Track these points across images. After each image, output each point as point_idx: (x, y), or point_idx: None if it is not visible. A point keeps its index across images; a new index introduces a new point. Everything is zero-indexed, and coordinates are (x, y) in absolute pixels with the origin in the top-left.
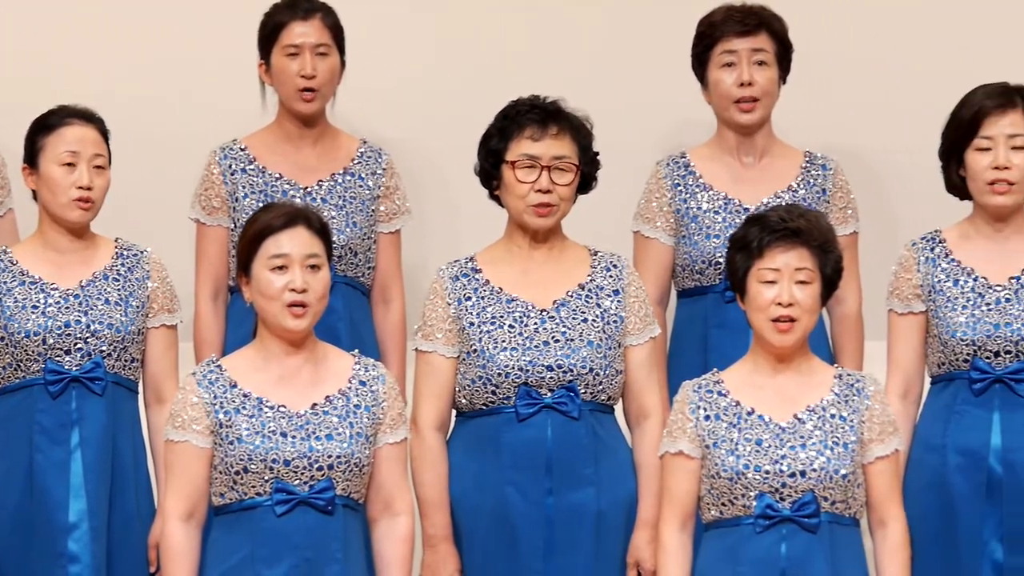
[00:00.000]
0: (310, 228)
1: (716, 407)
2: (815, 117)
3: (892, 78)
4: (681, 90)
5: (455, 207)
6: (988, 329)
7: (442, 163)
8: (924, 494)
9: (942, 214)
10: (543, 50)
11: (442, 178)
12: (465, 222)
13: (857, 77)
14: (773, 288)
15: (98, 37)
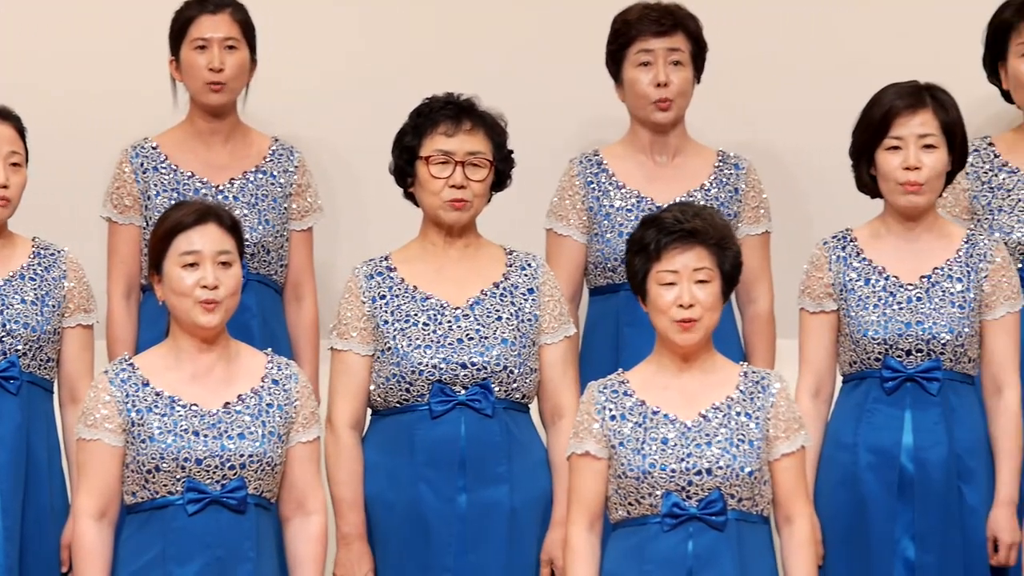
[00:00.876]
0: (221, 225)
1: (622, 407)
2: (728, 116)
3: (804, 77)
4: (595, 88)
5: (366, 205)
6: (899, 328)
7: (353, 161)
8: (836, 492)
9: (854, 213)
10: (456, 49)
11: (353, 176)
12: (376, 220)
13: (769, 77)
14: (673, 290)
15: (11, 31)
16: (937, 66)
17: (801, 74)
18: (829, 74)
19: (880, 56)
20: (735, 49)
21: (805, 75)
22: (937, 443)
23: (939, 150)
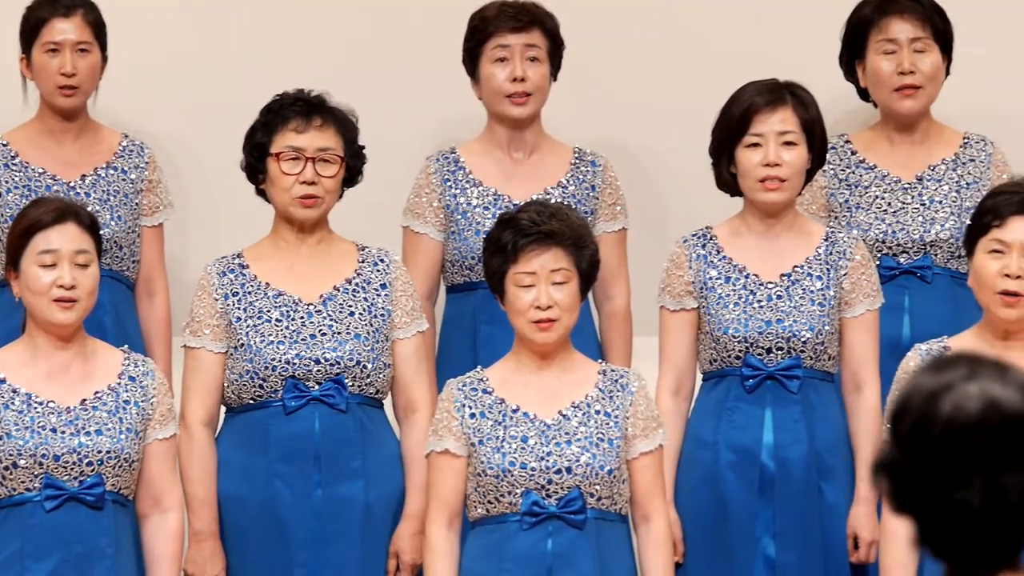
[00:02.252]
0: (80, 224)
1: (481, 405)
2: (585, 114)
3: (662, 74)
4: (453, 85)
5: (218, 201)
6: (760, 326)
7: (205, 157)
8: (696, 490)
9: (711, 210)
10: (309, 46)
11: (205, 172)
12: (228, 216)
13: (626, 73)
14: (531, 291)
15: None
16: (795, 64)
17: (659, 71)
18: (687, 71)
19: (739, 54)
20: (592, 46)
21: (663, 72)
22: (797, 441)
23: (799, 147)
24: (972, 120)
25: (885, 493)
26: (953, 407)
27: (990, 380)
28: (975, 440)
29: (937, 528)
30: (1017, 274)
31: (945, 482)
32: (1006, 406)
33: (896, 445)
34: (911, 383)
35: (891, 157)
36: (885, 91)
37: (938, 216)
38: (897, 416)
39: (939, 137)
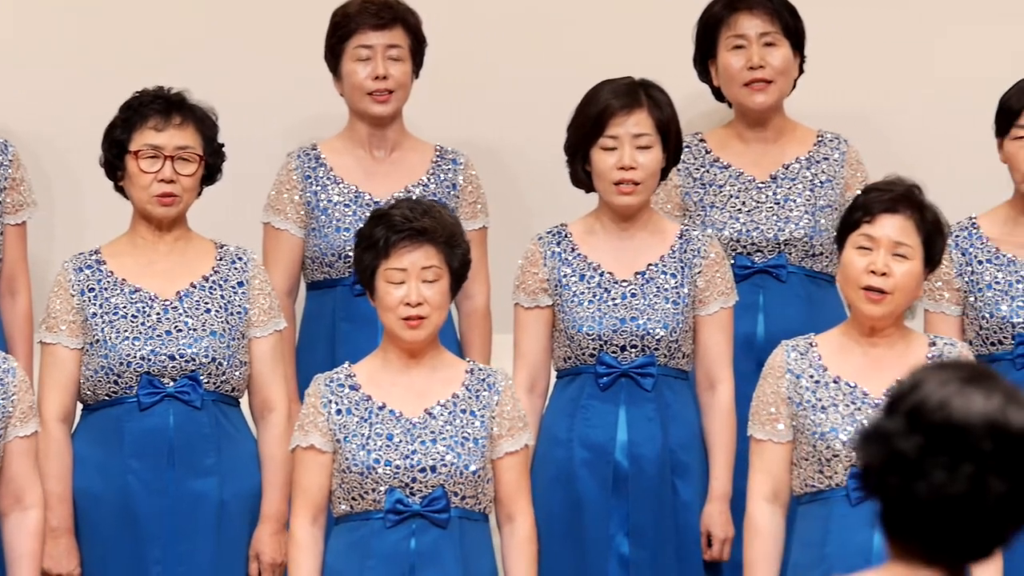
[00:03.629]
0: None
1: (348, 401)
2: (446, 111)
3: (521, 72)
4: (314, 81)
5: (82, 199)
6: (614, 324)
7: (68, 155)
8: (551, 488)
9: (571, 208)
10: (169, 44)
11: (68, 170)
12: (92, 214)
13: (486, 71)
14: (401, 288)
15: None
16: (652, 63)
17: (519, 69)
18: (546, 69)
19: (597, 53)
20: (454, 44)
21: (523, 70)
22: (651, 439)
23: (654, 149)
24: (829, 119)
25: (864, 462)
26: (965, 402)
27: (1006, 396)
28: (976, 436)
29: (906, 506)
30: (882, 271)
31: (933, 460)
32: (1014, 421)
33: (893, 417)
34: (924, 372)
35: (745, 156)
36: (736, 87)
37: (792, 215)
38: (902, 394)
39: (793, 135)
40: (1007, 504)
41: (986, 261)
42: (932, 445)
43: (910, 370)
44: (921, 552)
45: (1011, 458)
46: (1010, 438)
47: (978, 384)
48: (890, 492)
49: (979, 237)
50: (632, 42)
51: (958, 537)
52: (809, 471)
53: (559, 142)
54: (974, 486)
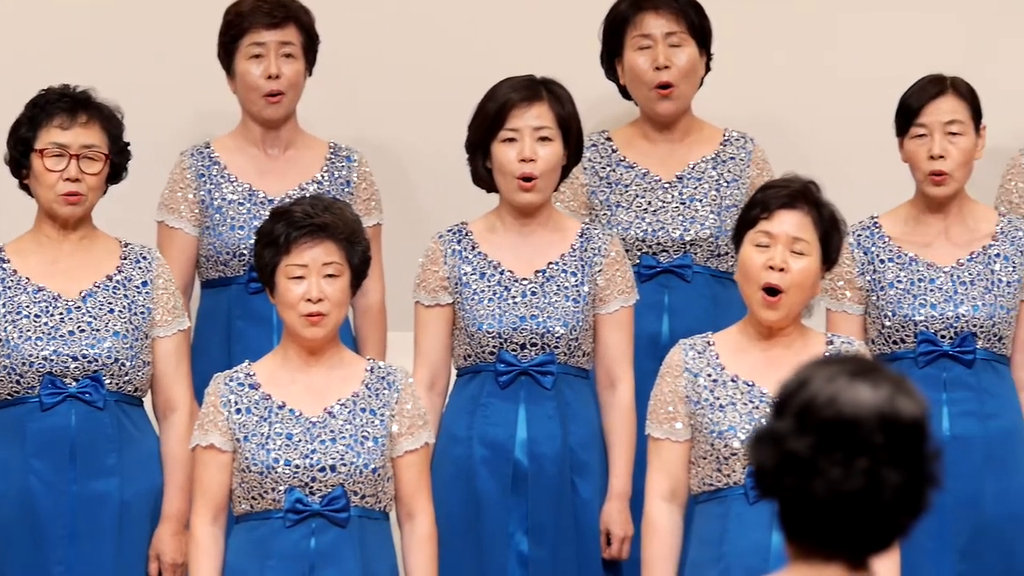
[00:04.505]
0: None
1: (247, 400)
2: (340, 108)
3: (417, 70)
4: (208, 79)
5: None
6: (514, 322)
7: None
8: (450, 486)
9: (466, 205)
10: (69, 43)
11: None
12: None
13: (382, 68)
14: (302, 284)
15: None
16: (556, 62)
17: (415, 66)
18: (443, 67)
19: (499, 51)
20: (348, 41)
21: (419, 67)
22: (551, 437)
23: (554, 143)
24: (735, 120)
25: (757, 463)
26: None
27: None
28: (868, 430)
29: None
30: (780, 266)
31: (828, 458)
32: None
33: (783, 417)
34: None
35: (651, 155)
36: (643, 89)
37: (698, 215)
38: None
39: (699, 134)
40: (903, 495)
41: (888, 260)
42: (825, 443)
43: (795, 368)
44: (822, 549)
45: (904, 448)
46: (901, 428)
47: (865, 377)
48: (787, 493)
49: (881, 236)
50: (531, 42)
51: (858, 531)
52: (707, 470)
53: (453, 139)
54: (870, 480)
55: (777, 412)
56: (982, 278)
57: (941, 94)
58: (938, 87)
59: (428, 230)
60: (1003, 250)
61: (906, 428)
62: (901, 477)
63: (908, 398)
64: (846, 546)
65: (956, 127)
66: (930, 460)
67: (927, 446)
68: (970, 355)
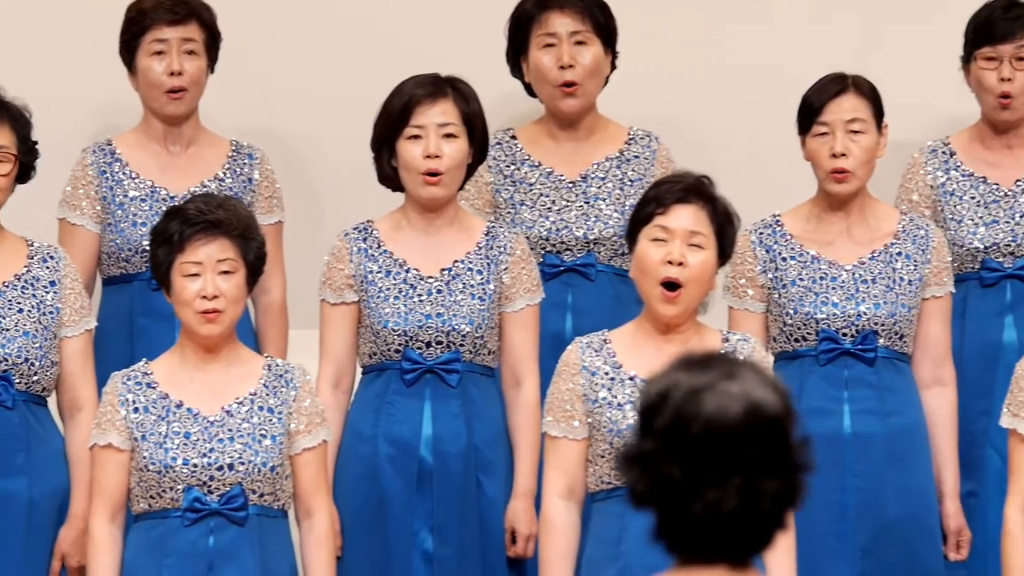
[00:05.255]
0: None
1: (146, 399)
2: (242, 104)
3: (323, 68)
4: (109, 75)
5: None
6: (419, 320)
7: None
8: (355, 484)
9: (372, 203)
10: None
11: None
12: None
13: (284, 64)
14: (197, 281)
15: None
16: (462, 59)
17: (319, 64)
18: (348, 64)
19: (405, 49)
20: (249, 37)
21: (323, 65)
22: (456, 435)
23: (459, 140)
24: (640, 119)
25: (630, 484)
26: (716, 407)
27: (750, 381)
28: (737, 442)
29: (682, 524)
30: (679, 260)
31: (702, 480)
32: (766, 408)
33: (650, 437)
34: (667, 378)
35: (555, 154)
36: (547, 87)
37: (602, 214)
38: (652, 409)
39: (604, 133)
40: (780, 497)
41: (790, 258)
42: (696, 465)
43: (652, 377)
44: (703, 558)
45: (773, 452)
46: (767, 429)
47: (726, 379)
48: (663, 512)
49: (783, 234)
50: (437, 39)
51: (738, 540)
52: (605, 468)
53: (357, 137)
54: (747, 496)
55: (643, 429)
56: (884, 276)
57: (843, 92)
58: (839, 85)
59: (331, 228)
60: (905, 249)
61: (771, 427)
62: (776, 483)
63: (768, 390)
64: (727, 553)
65: (858, 125)
66: (799, 451)
67: (794, 439)
68: (871, 353)
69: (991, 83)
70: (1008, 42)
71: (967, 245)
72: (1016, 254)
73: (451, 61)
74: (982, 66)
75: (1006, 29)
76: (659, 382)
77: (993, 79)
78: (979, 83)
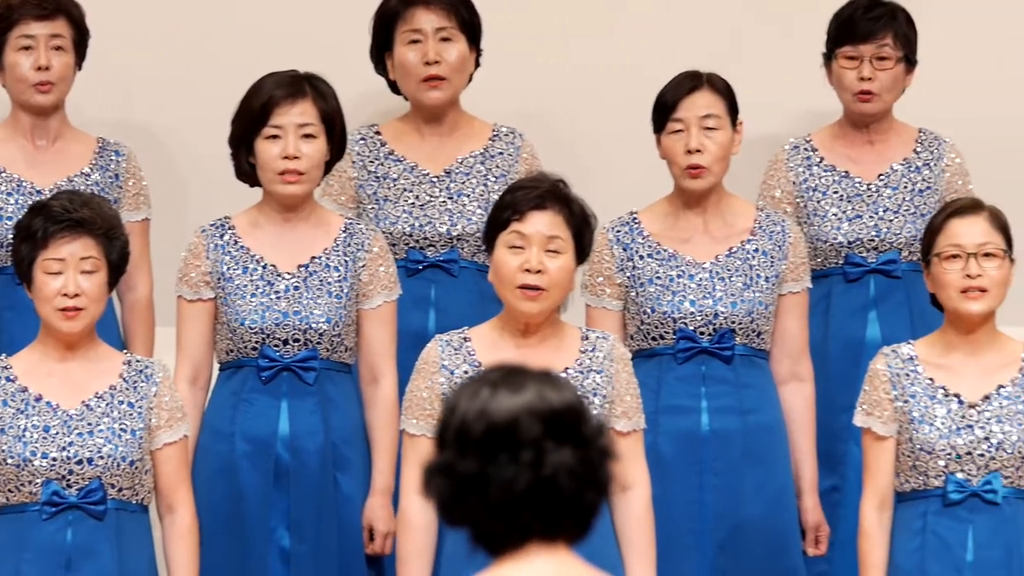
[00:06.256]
0: None
1: (4, 393)
2: (110, 103)
3: (185, 67)
4: None
5: None
6: (276, 317)
7: None
8: (213, 481)
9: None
10: None
11: None
12: None
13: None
14: (59, 279)
15: None
16: (327, 56)
17: (182, 62)
18: (210, 63)
19: (266, 46)
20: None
21: (185, 63)
22: (313, 432)
23: (318, 139)
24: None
25: (437, 499)
26: (500, 404)
27: (537, 381)
28: (523, 423)
29: (486, 516)
30: (537, 268)
31: (494, 463)
32: (551, 400)
33: (446, 450)
34: (451, 394)
35: (420, 149)
36: (412, 82)
37: (465, 210)
38: (444, 425)
39: (469, 129)
40: (580, 472)
41: (647, 256)
42: (487, 453)
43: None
44: (514, 545)
45: (564, 430)
46: (556, 414)
47: (508, 383)
48: (473, 514)
49: (640, 232)
50: (299, 36)
51: (549, 522)
52: None
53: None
54: (540, 468)
55: (440, 446)
56: (740, 274)
57: (697, 89)
58: (693, 82)
59: (197, 225)
60: (761, 245)
61: (561, 413)
62: (571, 455)
63: (555, 390)
64: (536, 535)
65: (712, 122)
66: (596, 437)
67: (587, 426)
68: (728, 351)
69: (852, 82)
70: (869, 42)
71: (831, 240)
72: (880, 249)
73: (314, 57)
74: (843, 65)
75: (867, 29)
76: (449, 400)
77: (854, 78)
78: (840, 81)
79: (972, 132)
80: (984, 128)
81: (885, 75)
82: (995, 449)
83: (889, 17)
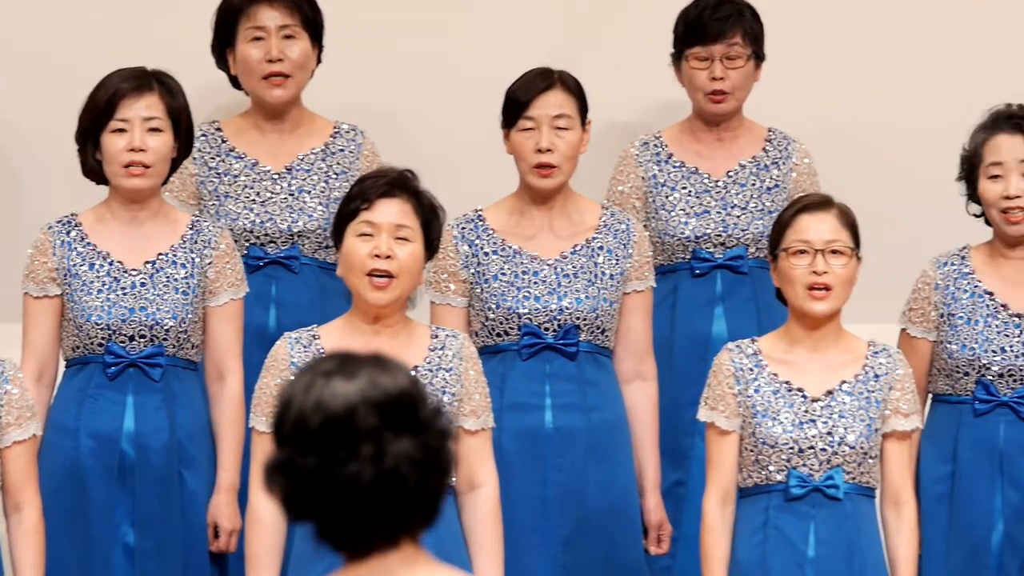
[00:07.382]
0: None
1: None
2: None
3: (25, 59)
4: None
5: None
6: (123, 313)
7: None
8: (57, 478)
9: (75, 196)
10: None
11: None
12: None
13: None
14: None
15: None
16: (168, 52)
17: (24, 55)
18: (56, 58)
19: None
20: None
21: (28, 55)
22: (159, 429)
23: (164, 134)
24: (348, 113)
25: (280, 497)
26: (334, 393)
27: (370, 368)
28: (359, 416)
29: (331, 512)
30: (387, 253)
31: (335, 460)
32: (385, 385)
33: (284, 446)
34: (286, 388)
35: (261, 146)
36: (254, 79)
37: (306, 206)
38: (279, 420)
39: (310, 126)
40: (422, 459)
41: (492, 253)
42: (327, 449)
43: (278, 391)
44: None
45: (401, 417)
46: (391, 402)
47: (340, 371)
48: (317, 510)
49: (485, 229)
50: (139, 32)
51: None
52: None
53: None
54: (382, 460)
55: (278, 442)
56: (585, 271)
57: (549, 88)
58: (546, 81)
59: (32, 220)
60: (606, 243)
61: (396, 399)
62: (410, 444)
63: (388, 375)
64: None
65: (564, 121)
66: (433, 419)
67: (424, 410)
68: (573, 347)
69: (703, 82)
70: (719, 42)
71: (678, 235)
72: (727, 245)
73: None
74: (694, 65)
75: (716, 29)
76: (283, 393)
77: (704, 78)
78: (692, 82)
79: (822, 132)
80: (834, 127)
81: (736, 73)
82: (837, 444)
83: (737, 15)
